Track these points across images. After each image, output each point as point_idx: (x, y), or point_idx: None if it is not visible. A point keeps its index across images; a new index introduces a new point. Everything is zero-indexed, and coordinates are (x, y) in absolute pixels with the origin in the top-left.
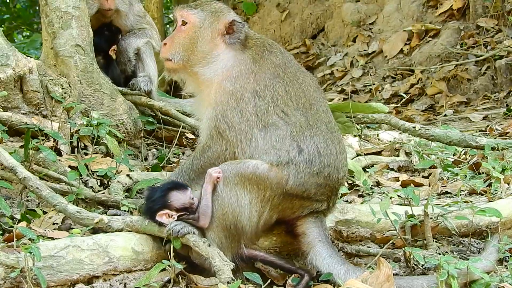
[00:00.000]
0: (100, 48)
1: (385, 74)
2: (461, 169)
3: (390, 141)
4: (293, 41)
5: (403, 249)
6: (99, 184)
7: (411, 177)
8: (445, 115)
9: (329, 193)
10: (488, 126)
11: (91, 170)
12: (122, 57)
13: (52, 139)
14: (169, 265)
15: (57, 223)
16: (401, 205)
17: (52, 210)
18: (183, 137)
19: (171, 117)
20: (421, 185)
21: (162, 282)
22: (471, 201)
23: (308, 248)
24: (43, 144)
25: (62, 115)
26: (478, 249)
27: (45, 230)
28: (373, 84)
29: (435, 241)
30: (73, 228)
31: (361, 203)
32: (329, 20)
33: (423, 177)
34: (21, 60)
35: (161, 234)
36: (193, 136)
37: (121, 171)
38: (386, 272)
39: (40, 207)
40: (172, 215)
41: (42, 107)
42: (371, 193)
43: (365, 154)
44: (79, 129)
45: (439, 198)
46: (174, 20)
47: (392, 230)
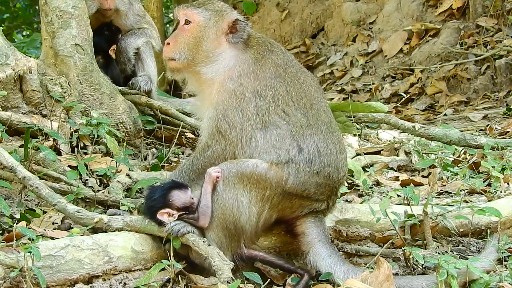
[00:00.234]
0: (99, 48)
1: (385, 73)
2: (460, 168)
3: (389, 140)
4: (293, 41)
5: (402, 248)
6: (98, 183)
7: (411, 176)
8: (444, 114)
9: (328, 193)
10: (487, 125)
11: (90, 170)
12: (122, 56)
13: (51, 139)
14: (168, 265)
15: (56, 223)
16: (400, 204)
17: (52, 210)
18: (182, 136)
19: (170, 116)
20: (421, 184)
21: (162, 281)
22: (470, 201)
23: (307, 247)
24: (43, 144)
25: (61, 114)
26: (478, 248)
27: (45, 230)
28: (373, 84)
29: (435, 241)
30: (72, 228)
31: (361, 203)
32: (329, 19)
33: (422, 176)
34: (21, 60)
35: (160, 234)
36: (192, 136)
37: (121, 170)
38: (386, 272)
39: (39, 206)
40: (173, 214)
41: (42, 106)
42: (371, 193)
43: (365, 154)
44: (78, 129)
45: (439, 197)
46: (174, 19)
47: (391, 230)
